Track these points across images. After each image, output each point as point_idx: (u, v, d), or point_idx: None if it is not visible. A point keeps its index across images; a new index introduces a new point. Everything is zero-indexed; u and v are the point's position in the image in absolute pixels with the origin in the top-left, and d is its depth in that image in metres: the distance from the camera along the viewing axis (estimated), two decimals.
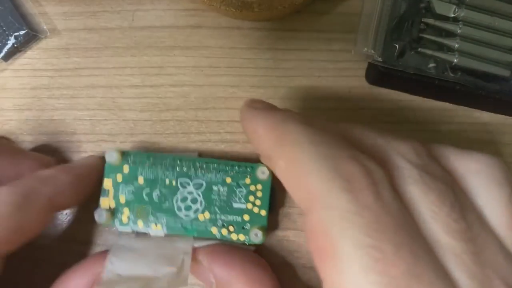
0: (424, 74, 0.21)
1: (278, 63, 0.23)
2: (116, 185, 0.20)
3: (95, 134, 0.23)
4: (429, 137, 0.22)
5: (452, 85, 0.21)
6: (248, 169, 0.20)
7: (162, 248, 0.20)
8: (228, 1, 0.22)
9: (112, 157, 0.20)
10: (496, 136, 0.22)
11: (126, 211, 0.20)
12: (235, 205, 0.20)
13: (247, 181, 0.20)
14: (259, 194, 0.20)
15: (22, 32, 0.23)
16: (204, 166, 0.20)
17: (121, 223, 0.20)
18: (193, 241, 0.20)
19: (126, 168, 0.21)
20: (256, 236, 0.20)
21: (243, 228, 0.20)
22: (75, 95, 0.23)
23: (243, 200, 0.20)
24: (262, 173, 0.20)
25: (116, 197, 0.20)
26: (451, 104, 0.22)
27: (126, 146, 0.23)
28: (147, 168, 0.20)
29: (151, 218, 0.20)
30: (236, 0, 0.21)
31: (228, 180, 0.20)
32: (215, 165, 0.20)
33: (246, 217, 0.20)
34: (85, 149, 0.23)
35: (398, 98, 0.22)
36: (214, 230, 0.20)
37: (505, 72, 0.21)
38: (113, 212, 0.20)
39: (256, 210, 0.20)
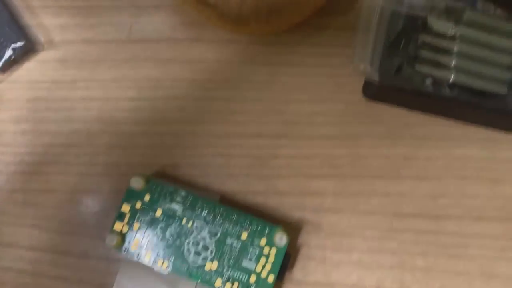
0: (421, 91, 0.21)
1: (274, 77, 0.23)
2: (133, 211, 0.21)
3: (91, 146, 0.23)
4: (425, 153, 0.22)
5: (449, 102, 0.21)
6: (267, 230, 0.20)
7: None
8: (226, 15, 0.21)
9: (137, 183, 0.21)
10: (492, 152, 0.22)
11: (137, 240, 0.21)
12: (245, 263, 0.20)
13: (263, 242, 0.20)
14: (271, 258, 0.20)
15: (19, 44, 0.23)
16: (224, 214, 0.21)
17: (129, 250, 0.21)
18: None
19: (147, 197, 0.21)
20: None
21: None
22: (72, 107, 0.23)
23: (253, 260, 0.20)
24: (280, 238, 0.20)
25: (130, 224, 0.21)
26: (447, 121, 0.22)
27: (123, 160, 0.23)
28: (167, 202, 0.21)
29: (160, 254, 0.20)
30: (233, 14, 0.21)
31: (244, 235, 0.20)
32: (234, 216, 0.21)
33: (253, 279, 0.20)
34: (82, 162, 0.23)
35: (395, 113, 0.23)
36: (218, 282, 0.20)
37: (502, 89, 0.21)
38: (123, 238, 0.21)
39: (264, 274, 0.20)
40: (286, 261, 0.20)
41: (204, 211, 0.21)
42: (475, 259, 0.21)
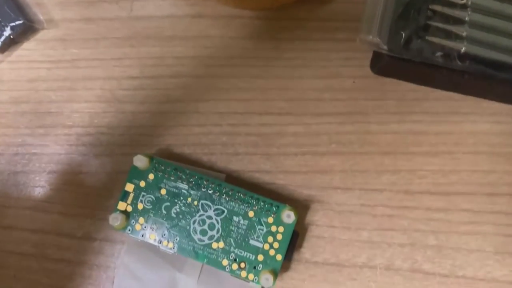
0: (431, 63, 0.20)
1: (280, 53, 0.22)
2: (137, 190, 0.20)
3: (93, 126, 0.23)
4: (435, 129, 0.21)
5: (460, 74, 0.21)
6: (274, 208, 0.20)
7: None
8: None
9: (140, 162, 0.20)
10: (506, 126, 0.21)
11: (141, 220, 0.20)
12: (252, 242, 0.20)
13: (270, 220, 0.20)
14: (279, 237, 0.20)
15: (18, 23, 0.23)
16: (230, 193, 0.20)
17: (134, 230, 0.20)
18: (196, 284, 0.20)
19: (151, 176, 0.20)
20: (267, 280, 0.19)
21: (254, 267, 0.19)
22: (73, 87, 0.23)
23: (261, 239, 0.20)
24: (288, 216, 0.20)
25: (134, 203, 0.20)
26: (458, 95, 0.22)
27: (126, 139, 0.22)
28: (172, 181, 0.20)
29: (165, 233, 0.20)
30: None
31: (251, 214, 0.20)
32: (240, 194, 0.20)
33: (260, 258, 0.20)
34: (83, 142, 0.22)
35: (404, 88, 0.22)
36: (225, 262, 0.20)
37: None
38: (127, 217, 0.20)
39: (272, 252, 0.20)
40: (294, 240, 0.20)
41: (210, 189, 0.20)
42: (488, 236, 0.21)
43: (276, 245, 0.20)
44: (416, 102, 0.22)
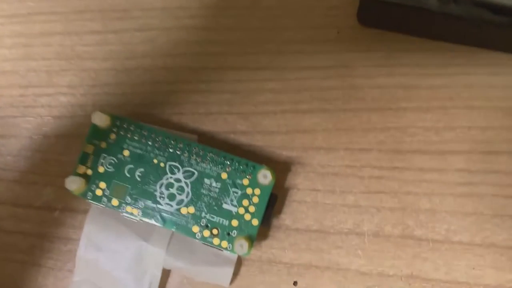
0: (425, 7, 0.18)
1: (257, 2, 0.20)
2: (98, 152, 0.18)
3: (52, 86, 0.21)
4: (427, 82, 0.19)
5: (456, 20, 0.19)
6: (250, 169, 0.18)
7: (128, 263, 0.18)
8: None
9: (99, 119, 0.18)
10: (503, 78, 0.19)
11: (102, 184, 0.18)
12: (225, 206, 0.18)
13: (245, 182, 0.18)
14: (255, 199, 0.18)
15: None
16: (201, 153, 0.18)
17: (94, 196, 0.18)
18: (164, 254, 0.18)
19: (112, 136, 0.18)
20: (241, 247, 0.17)
21: (228, 234, 0.18)
22: (29, 43, 0.21)
23: (235, 203, 0.18)
24: (264, 176, 0.18)
25: (94, 166, 0.18)
26: (453, 45, 0.20)
27: (88, 99, 0.20)
28: (136, 141, 0.18)
29: (128, 199, 0.18)
30: None
31: (224, 176, 0.18)
32: (212, 155, 0.18)
33: (235, 223, 0.18)
34: (41, 103, 0.20)
35: (393, 38, 0.20)
36: (195, 229, 0.18)
37: None
38: (87, 182, 0.18)
39: (247, 217, 0.18)
40: (272, 203, 0.18)
41: (178, 150, 0.18)
42: (485, 198, 0.19)
43: (252, 209, 0.18)
44: (406, 53, 0.20)
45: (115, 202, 0.18)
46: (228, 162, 0.18)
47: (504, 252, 0.18)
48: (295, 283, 0.19)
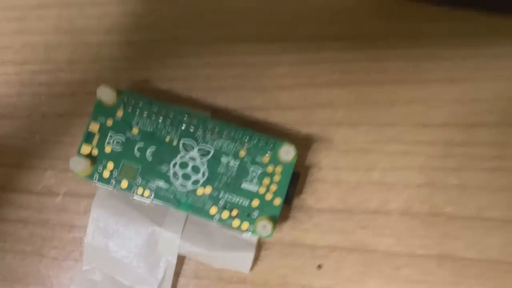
0: None
1: None
2: (104, 131, 0.17)
3: (50, 62, 0.19)
4: (453, 52, 0.18)
5: None
6: (270, 145, 0.17)
7: (141, 250, 0.17)
8: None
9: (105, 95, 0.17)
10: None
11: (110, 165, 0.17)
12: (245, 185, 0.17)
13: (265, 159, 0.17)
14: (277, 178, 0.16)
15: None
16: (217, 129, 0.17)
17: (101, 177, 0.17)
18: (179, 240, 0.17)
19: (120, 113, 0.17)
20: (264, 228, 0.16)
21: (248, 215, 0.16)
22: (23, 16, 0.19)
23: (255, 182, 0.17)
24: (287, 153, 0.16)
25: (101, 146, 0.17)
26: (477, 14, 0.19)
27: (90, 76, 0.19)
28: (145, 118, 0.17)
29: (139, 180, 0.17)
30: None
31: (242, 153, 0.17)
32: (230, 131, 0.17)
33: (255, 203, 0.16)
34: (39, 81, 0.19)
35: (416, 8, 0.19)
36: (213, 210, 0.16)
37: None
38: (93, 163, 0.17)
39: (269, 196, 0.16)
40: (295, 181, 0.17)
41: (191, 127, 0.17)
42: None
43: (273, 187, 0.16)
44: (431, 23, 0.19)
45: (124, 184, 0.17)
46: (247, 139, 0.17)
47: None
48: (319, 266, 0.18)
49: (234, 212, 0.16)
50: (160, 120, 0.17)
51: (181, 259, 0.18)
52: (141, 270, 0.17)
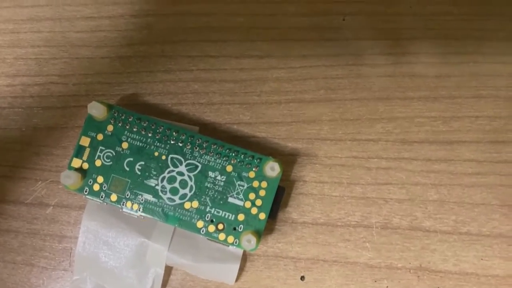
0: None
1: None
2: (94, 145, 0.17)
3: (42, 75, 0.19)
4: (435, 71, 0.19)
5: None
6: (256, 161, 0.17)
7: (130, 261, 0.17)
8: None
9: (96, 110, 0.17)
10: (510, 67, 0.19)
11: (100, 178, 0.17)
12: (231, 200, 0.17)
13: (251, 174, 0.17)
14: (262, 193, 0.17)
15: None
16: (204, 145, 0.17)
17: (91, 191, 0.17)
18: (167, 252, 0.17)
19: (110, 127, 0.17)
20: (249, 242, 0.16)
21: (234, 229, 0.17)
22: (17, 29, 0.20)
23: (241, 196, 0.17)
24: (272, 169, 0.17)
25: (91, 160, 0.17)
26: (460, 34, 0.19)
27: (81, 89, 0.19)
28: (135, 133, 0.17)
29: (128, 193, 0.17)
30: None
31: (229, 168, 0.17)
32: (216, 146, 0.17)
33: (241, 217, 0.17)
34: (31, 93, 0.19)
35: (400, 26, 0.19)
36: (199, 224, 0.17)
37: None
38: (84, 176, 0.17)
39: (254, 211, 0.17)
40: (280, 196, 0.17)
41: (180, 142, 0.17)
42: (493, 188, 0.19)
43: (258, 202, 0.17)
44: (413, 41, 0.19)
45: (113, 197, 0.17)
46: (233, 154, 0.17)
47: None
48: (302, 278, 0.18)
49: (220, 226, 0.17)
50: (149, 135, 0.17)
51: (168, 270, 0.18)
52: (130, 280, 0.18)
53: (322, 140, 0.19)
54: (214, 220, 0.17)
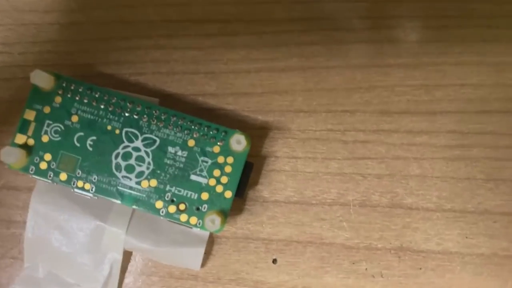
0: None
1: None
2: (40, 118, 0.15)
3: None
4: (416, 36, 0.18)
5: None
6: (221, 135, 0.16)
7: (85, 246, 0.16)
8: None
9: (41, 80, 0.15)
10: (498, 31, 0.18)
11: (47, 156, 0.16)
12: (194, 177, 0.15)
13: (216, 149, 0.16)
14: (228, 169, 0.15)
15: None
16: (163, 117, 0.16)
17: (38, 170, 0.15)
18: (125, 235, 0.16)
19: (58, 99, 0.16)
20: (213, 223, 0.15)
21: (197, 209, 0.15)
22: None
23: (205, 173, 0.15)
24: (238, 142, 0.15)
25: (37, 135, 0.15)
26: None
27: (28, 59, 0.17)
28: (86, 105, 0.15)
29: (79, 172, 0.15)
30: None
31: (191, 143, 0.16)
32: (177, 119, 0.16)
33: (205, 196, 0.15)
34: None
35: None
36: (158, 204, 0.15)
37: None
38: (29, 153, 0.15)
39: (219, 189, 0.15)
40: (248, 172, 0.16)
41: (135, 114, 0.16)
42: (478, 161, 0.17)
43: (224, 179, 0.15)
44: (393, 4, 0.18)
45: (63, 176, 0.15)
46: (196, 127, 0.16)
47: (498, 219, 0.17)
48: (274, 261, 0.17)
49: (182, 206, 0.15)
50: (101, 107, 0.16)
51: (128, 255, 0.17)
52: (85, 266, 0.16)
53: (295, 112, 0.17)
54: (175, 199, 0.15)
